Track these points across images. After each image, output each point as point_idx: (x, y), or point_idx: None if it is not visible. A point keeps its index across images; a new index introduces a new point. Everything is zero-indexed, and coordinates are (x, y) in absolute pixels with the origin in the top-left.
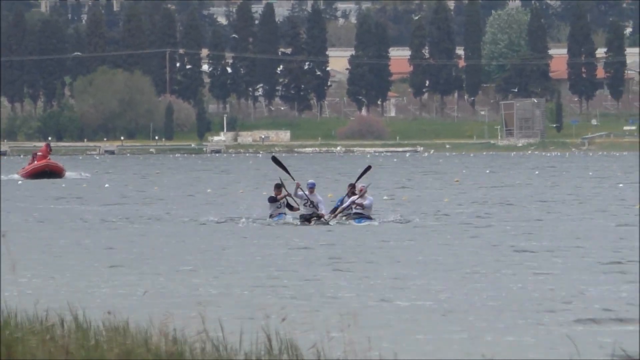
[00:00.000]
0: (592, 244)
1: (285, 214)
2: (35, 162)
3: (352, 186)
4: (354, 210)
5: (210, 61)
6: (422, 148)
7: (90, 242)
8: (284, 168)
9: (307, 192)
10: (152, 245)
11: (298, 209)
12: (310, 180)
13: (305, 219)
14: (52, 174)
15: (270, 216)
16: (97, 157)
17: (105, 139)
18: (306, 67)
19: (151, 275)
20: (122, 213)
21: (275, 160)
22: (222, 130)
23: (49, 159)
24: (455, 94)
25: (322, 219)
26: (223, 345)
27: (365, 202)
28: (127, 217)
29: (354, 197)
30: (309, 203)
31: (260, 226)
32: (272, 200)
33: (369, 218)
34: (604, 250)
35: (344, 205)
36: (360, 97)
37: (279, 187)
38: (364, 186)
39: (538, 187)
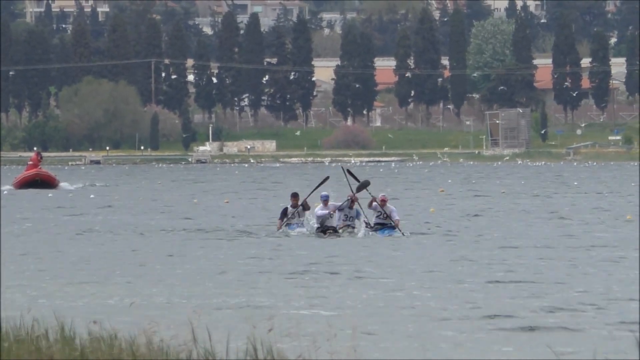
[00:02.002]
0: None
1: (301, 224)
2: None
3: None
4: (376, 221)
5: (196, 71)
6: (416, 157)
7: (77, 252)
8: (355, 178)
9: (322, 205)
10: (140, 255)
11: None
12: (324, 193)
13: (322, 231)
14: (43, 184)
15: (287, 225)
16: (83, 167)
17: (90, 149)
18: (292, 77)
19: (139, 285)
20: (112, 223)
21: (348, 172)
22: (208, 140)
23: (40, 168)
24: (441, 104)
25: (337, 232)
26: (210, 355)
27: (389, 212)
28: (113, 228)
29: (375, 205)
30: (348, 218)
31: (261, 236)
32: (284, 212)
33: (392, 228)
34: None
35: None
36: (346, 107)
37: (295, 196)
38: (385, 195)
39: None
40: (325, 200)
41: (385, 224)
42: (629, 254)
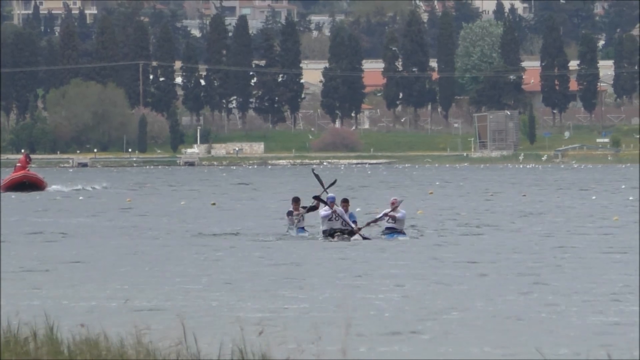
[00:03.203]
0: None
1: (304, 228)
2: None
3: (345, 201)
4: (387, 225)
5: (184, 73)
6: (397, 160)
7: (68, 255)
8: (321, 182)
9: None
10: (132, 258)
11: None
12: (330, 194)
13: (329, 234)
14: (31, 186)
15: (289, 230)
16: (70, 170)
17: (78, 152)
18: (280, 79)
19: (127, 288)
20: (104, 225)
21: (315, 174)
22: (196, 142)
23: (28, 170)
24: (429, 106)
25: (345, 235)
26: (198, 356)
27: (398, 215)
28: (100, 231)
29: (387, 210)
30: (334, 217)
31: (254, 240)
32: (289, 214)
33: (401, 233)
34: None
35: (377, 217)
36: (334, 110)
37: (296, 201)
38: (396, 199)
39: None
40: (331, 202)
41: (395, 229)
42: (622, 256)
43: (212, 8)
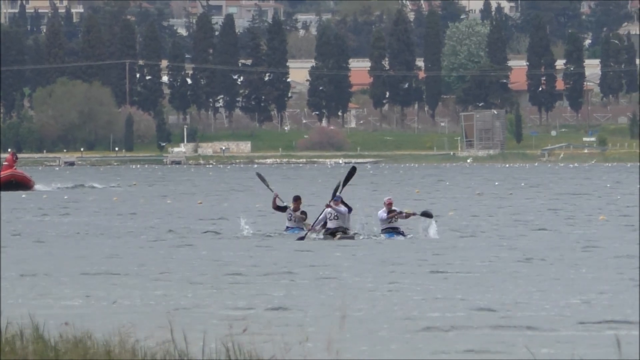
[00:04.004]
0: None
1: (302, 228)
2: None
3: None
4: (388, 225)
5: (170, 72)
6: (382, 160)
7: (56, 253)
8: (265, 181)
9: (332, 204)
10: (119, 257)
11: (309, 226)
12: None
13: (330, 233)
14: (18, 185)
15: (286, 229)
16: (57, 169)
17: (64, 151)
18: (266, 78)
19: (114, 287)
20: (93, 225)
21: (259, 176)
22: (182, 141)
23: (15, 169)
24: (416, 105)
25: (348, 233)
26: (185, 355)
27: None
28: (87, 230)
29: (384, 210)
30: (334, 216)
31: (236, 237)
32: (283, 209)
33: (401, 234)
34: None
35: (384, 217)
36: (320, 109)
37: (297, 199)
38: (390, 199)
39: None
40: (337, 201)
41: (395, 228)
42: (609, 252)
43: (199, 7)
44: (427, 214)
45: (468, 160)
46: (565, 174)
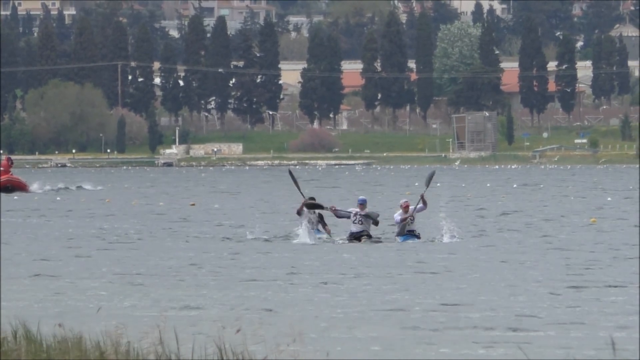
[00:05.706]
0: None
1: (319, 230)
2: None
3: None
4: (404, 229)
5: (162, 74)
6: (375, 161)
7: (48, 255)
8: (296, 183)
9: (358, 209)
10: (112, 257)
11: (329, 230)
12: (361, 197)
13: (355, 237)
14: (14, 190)
15: (299, 229)
16: (49, 171)
17: (56, 152)
18: (258, 80)
19: (106, 288)
20: (87, 226)
21: (290, 174)
22: (174, 143)
23: (11, 174)
24: (407, 107)
25: (373, 237)
26: (177, 355)
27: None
28: (79, 231)
29: (402, 212)
30: (358, 220)
31: (230, 238)
32: (298, 213)
33: (417, 237)
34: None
35: (401, 218)
36: (312, 110)
37: (363, 203)
38: (407, 201)
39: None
40: (361, 204)
41: (411, 231)
42: (599, 255)
43: (191, 9)
44: (428, 178)
45: (456, 163)
46: (557, 176)
